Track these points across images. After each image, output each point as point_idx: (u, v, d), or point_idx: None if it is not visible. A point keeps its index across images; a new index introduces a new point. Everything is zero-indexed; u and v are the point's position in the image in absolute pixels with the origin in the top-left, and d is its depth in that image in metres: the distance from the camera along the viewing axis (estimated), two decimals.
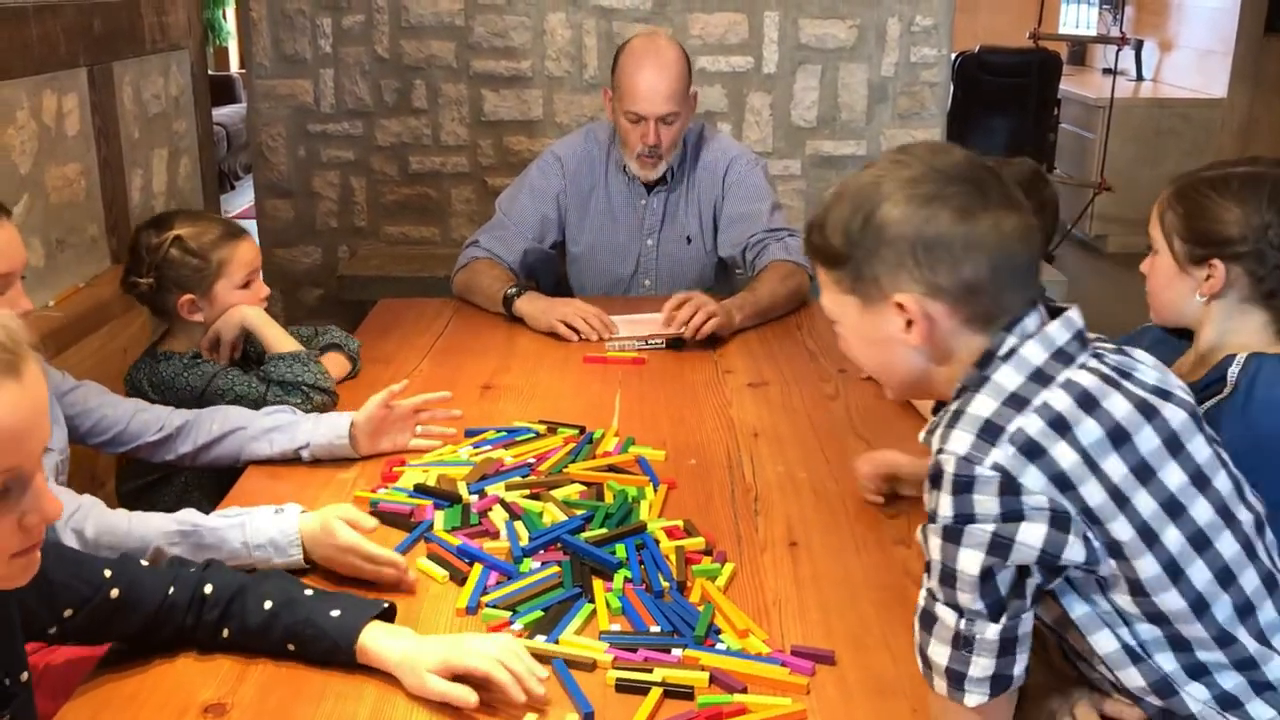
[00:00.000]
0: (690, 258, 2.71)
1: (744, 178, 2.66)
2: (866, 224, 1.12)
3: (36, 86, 2.59)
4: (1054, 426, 1.05)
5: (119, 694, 1.23)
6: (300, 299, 4.08)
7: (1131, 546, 1.07)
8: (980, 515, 1.04)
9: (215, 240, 2.01)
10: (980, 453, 1.04)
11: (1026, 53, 6.09)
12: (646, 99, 2.48)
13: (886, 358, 1.20)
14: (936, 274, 1.10)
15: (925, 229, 1.10)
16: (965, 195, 1.10)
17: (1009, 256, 1.10)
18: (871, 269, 1.13)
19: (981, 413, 1.07)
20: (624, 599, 1.41)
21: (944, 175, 1.11)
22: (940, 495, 1.06)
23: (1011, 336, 1.11)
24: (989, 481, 1.04)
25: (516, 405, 2.06)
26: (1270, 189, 1.47)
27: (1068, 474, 1.05)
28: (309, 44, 3.82)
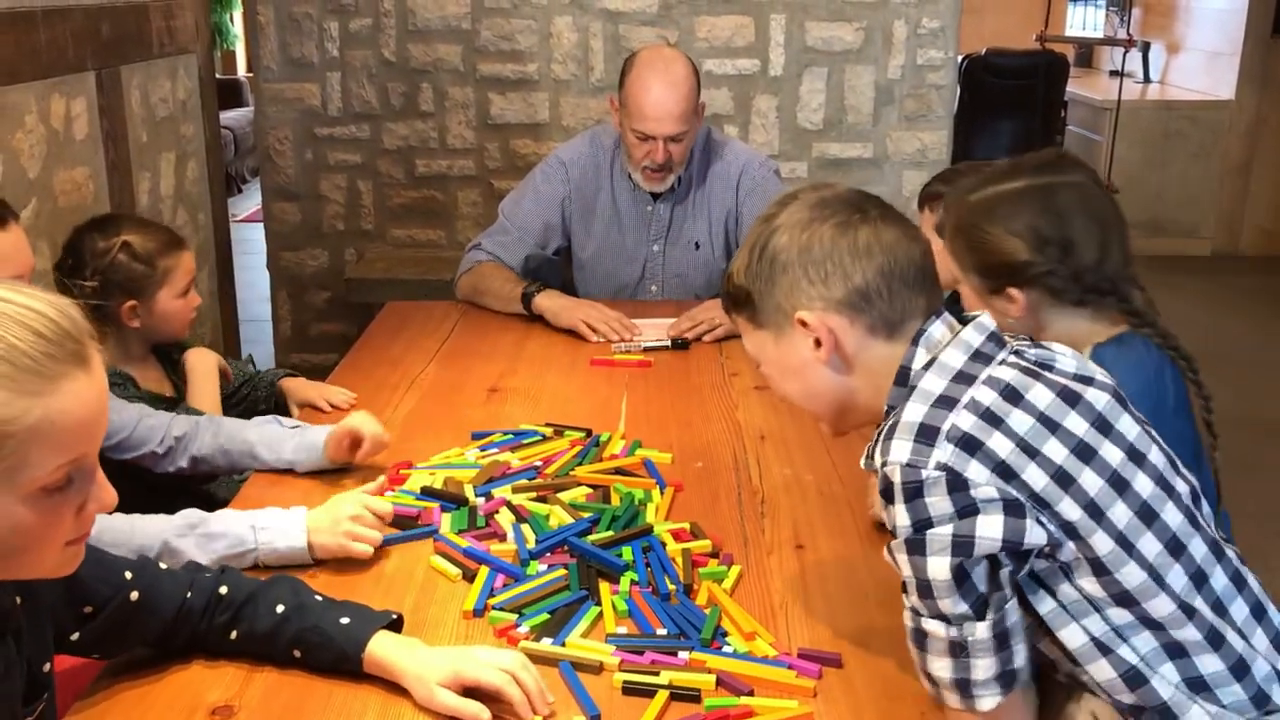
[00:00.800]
0: (698, 264, 2.70)
1: (761, 185, 2.65)
2: (761, 258, 1.21)
3: (45, 90, 2.60)
4: (985, 419, 1.09)
5: (126, 696, 1.23)
6: (307, 302, 4.09)
7: (1083, 525, 1.09)
8: (936, 518, 1.06)
9: (161, 248, 2.01)
10: (921, 456, 1.07)
11: (1033, 55, 6.09)
12: (655, 119, 2.46)
13: (807, 383, 1.24)
14: (830, 287, 1.18)
15: (811, 246, 1.19)
16: (843, 213, 1.20)
17: (894, 261, 1.18)
18: (773, 297, 1.21)
19: (914, 419, 1.10)
20: (630, 602, 1.41)
21: (822, 201, 1.21)
22: (894, 508, 1.09)
23: (921, 349, 1.16)
24: (936, 482, 1.06)
25: (523, 408, 2.06)
26: (1035, 202, 1.47)
27: (1008, 462, 1.08)
28: (316, 48, 3.83)
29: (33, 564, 1.01)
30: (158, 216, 3.32)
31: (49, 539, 0.99)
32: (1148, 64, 6.97)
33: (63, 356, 0.94)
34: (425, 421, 2.00)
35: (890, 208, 1.23)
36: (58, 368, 0.94)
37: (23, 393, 0.92)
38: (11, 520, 0.95)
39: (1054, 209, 1.47)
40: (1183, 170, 6.35)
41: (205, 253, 3.77)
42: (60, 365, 0.94)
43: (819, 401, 1.27)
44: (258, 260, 4.36)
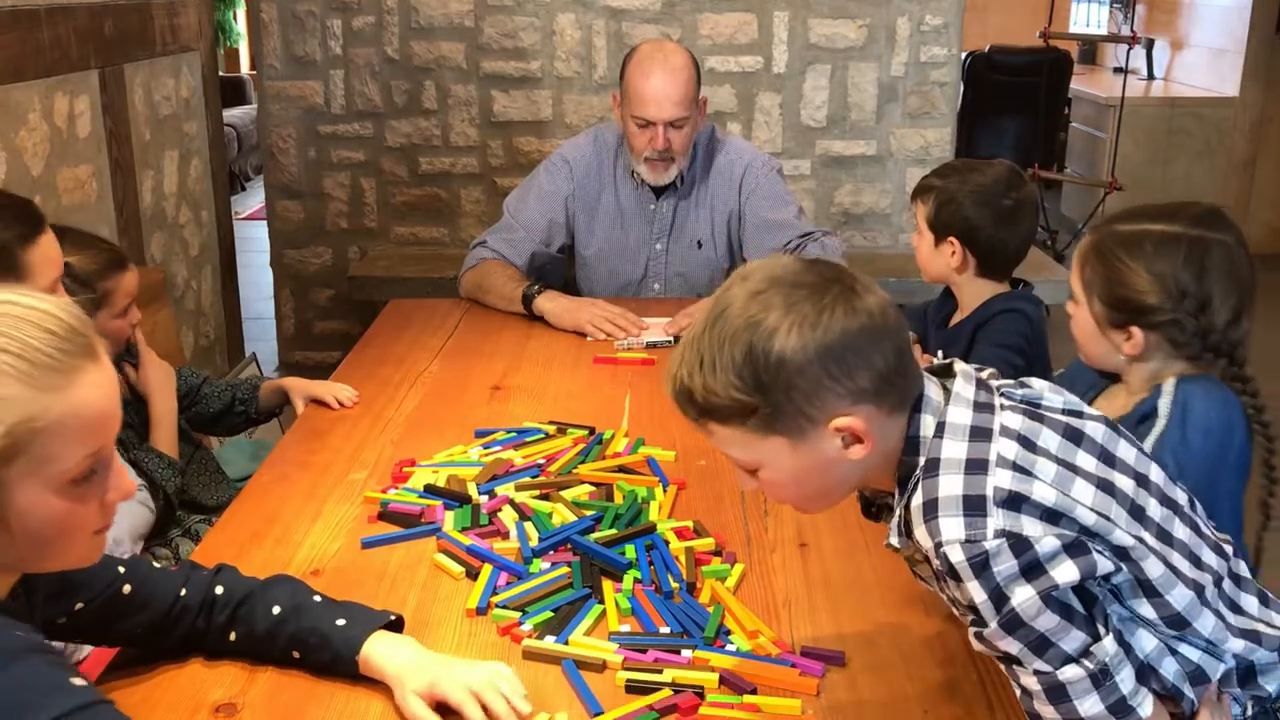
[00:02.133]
0: (701, 262, 2.70)
1: (763, 184, 2.65)
2: (768, 362, 1.05)
3: (48, 89, 2.61)
4: (1019, 472, 1.07)
5: (130, 695, 1.24)
6: (311, 300, 4.09)
7: (1136, 550, 1.09)
8: (1008, 583, 1.04)
9: (102, 269, 1.96)
10: (977, 529, 1.04)
11: (1037, 52, 6.07)
12: (655, 104, 2.47)
13: (827, 480, 1.14)
14: (855, 378, 1.07)
15: (829, 341, 1.05)
16: (831, 294, 1.07)
17: (897, 330, 1.10)
18: (792, 404, 1.07)
19: (954, 491, 1.06)
20: (634, 600, 1.41)
21: (805, 287, 1.07)
22: (966, 585, 1.05)
23: (927, 416, 1.11)
24: (999, 550, 1.04)
25: (526, 406, 2.06)
26: (1185, 251, 1.44)
27: (1055, 508, 1.06)
28: (319, 45, 3.83)
29: (63, 553, 1.04)
30: (161, 215, 3.33)
31: (78, 528, 1.03)
32: (1151, 61, 6.96)
33: (75, 351, 0.98)
34: (428, 419, 2.00)
35: (849, 271, 1.12)
36: (73, 362, 0.98)
37: (45, 389, 0.96)
38: (46, 512, 0.99)
39: (1201, 263, 1.45)
40: (1187, 168, 6.34)
41: (208, 250, 3.78)
42: (75, 359, 0.98)
43: (830, 496, 1.18)
44: (261, 258, 4.37)
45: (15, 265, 1.59)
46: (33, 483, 0.97)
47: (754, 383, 1.06)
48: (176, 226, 3.47)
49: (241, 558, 1.51)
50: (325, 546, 1.56)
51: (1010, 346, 1.93)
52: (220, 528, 1.62)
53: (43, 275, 1.63)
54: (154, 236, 3.26)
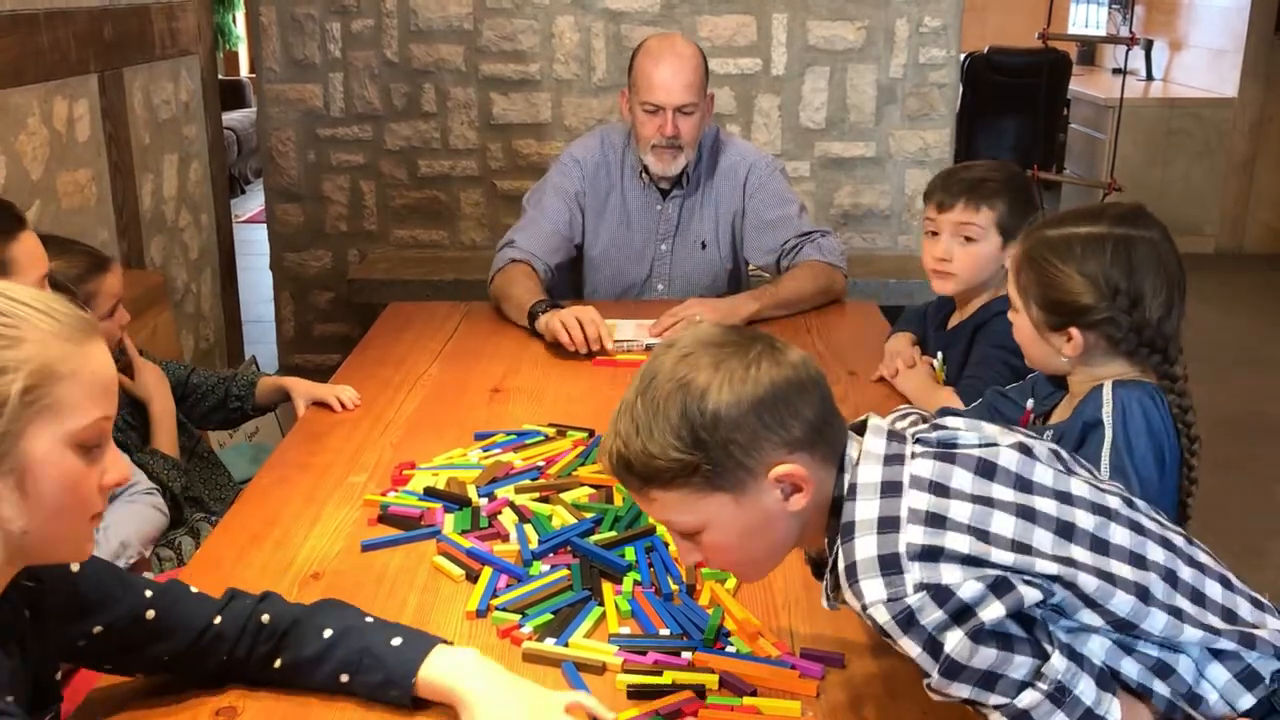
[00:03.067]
0: (704, 263, 2.71)
1: (766, 184, 2.66)
2: (703, 419, 1.08)
3: (48, 93, 2.61)
4: (930, 524, 1.07)
5: (129, 699, 1.24)
6: (311, 303, 4.09)
7: (1064, 573, 1.08)
8: (938, 631, 1.04)
9: (83, 273, 1.96)
10: (897, 587, 1.05)
11: (1035, 53, 6.08)
12: (664, 89, 2.48)
13: (771, 537, 1.16)
14: (788, 427, 1.10)
15: (759, 394, 1.09)
16: (760, 350, 1.11)
17: (820, 381, 1.13)
18: (732, 457, 1.09)
19: (870, 553, 1.07)
20: (634, 602, 1.41)
21: (727, 344, 1.11)
22: (901, 642, 1.06)
23: (846, 475, 1.13)
24: (922, 604, 1.04)
25: (526, 408, 2.06)
26: (1112, 250, 1.49)
27: (971, 554, 1.05)
28: (318, 48, 3.83)
29: (64, 533, 1.05)
30: (160, 218, 3.33)
31: (83, 501, 1.04)
32: (1150, 62, 6.96)
33: (87, 326, 1.04)
34: (428, 422, 2.00)
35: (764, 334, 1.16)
36: (88, 330, 1.04)
37: (68, 340, 1.01)
38: (59, 469, 1.01)
39: (1129, 260, 1.49)
40: (1186, 168, 6.34)
41: (208, 254, 3.78)
42: (88, 331, 1.04)
43: (775, 555, 1.19)
44: (261, 261, 4.37)
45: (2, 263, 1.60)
46: (49, 433, 0.99)
47: (692, 440, 1.08)
48: (176, 230, 3.47)
49: (241, 560, 1.51)
50: (325, 549, 1.56)
51: (1009, 348, 1.93)
52: (220, 530, 1.62)
53: (29, 271, 1.63)
54: (154, 240, 3.27)
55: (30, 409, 0.98)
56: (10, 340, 0.98)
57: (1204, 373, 1.25)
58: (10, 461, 0.98)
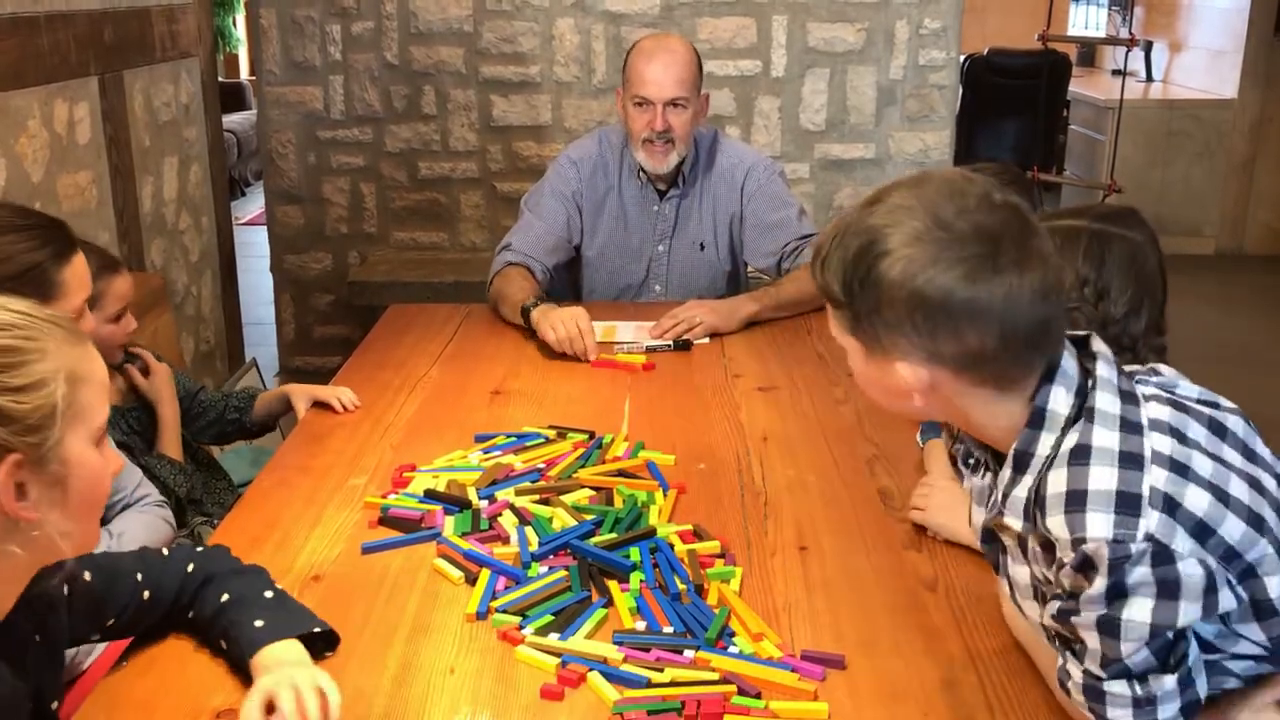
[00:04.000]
0: (702, 264, 2.71)
1: (765, 186, 2.65)
2: (866, 277, 1.05)
3: (48, 95, 2.61)
4: (1176, 471, 1.01)
5: (130, 699, 1.24)
6: (310, 305, 4.10)
7: (1267, 564, 1.03)
8: (1134, 590, 1.00)
9: (93, 272, 1.97)
10: (1128, 529, 0.99)
11: (1035, 54, 6.08)
12: (655, 83, 2.49)
13: (897, 401, 1.13)
14: (937, 341, 1.04)
15: (926, 293, 1.02)
16: (973, 257, 1.01)
17: (1019, 322, 1.02)
18: (871, 323, 1.07)
19: (1108, 486, 1.01)
20: (640, 600, 1.41)
21: (951, 231, 1.02)
22: (1092, 576, 1.01)
23: (1059, 388, 1.06)
24: (1143, 555, 0.99)
25: (526, 410, 2.06)
26: (1086, 243, 1.48)
27: (1205, 520, 1.00)
28: (318, 51, 3.83)
29: (89, 525, 1.08)
30: (161, 220, 3.33)
31: (105, 494, 1.09)
32: (1150, 63, 6.96)
33: (79, 329, 1.08)
34: (428, 424, 2.00)
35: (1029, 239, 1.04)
36: (82, 332, 1.07)
37: (80, 344, 1.05)
38: (89, 466, 1.05)
39: (1101, 255, 1.49)
40: (1186, 169, 6.34)
41: (208, 256, 3.78)
42: (82, 333, 1.07)
43: (911, 413, 1.16)
44: (261, 263, 4.37)
45: (49, 283, 1.61)
46: (79, 435, 1.03)
47: (849, 287, 1.07)
48: (176, 232, 3.47)
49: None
50: (325, 552, 1.56)
51: None
52: (221, 533, 1.62)
53: (76, 295, 1.65)
54: (154, 242, 3.27)
55: (67, 415, 1.02)
56: (39, 352, 1.00)
57: (1204, 373, 1.24)
58: (55, 468, 1.01)
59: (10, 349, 0.99)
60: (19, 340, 1.00)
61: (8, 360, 0.99)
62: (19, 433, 0.98)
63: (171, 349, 2.97)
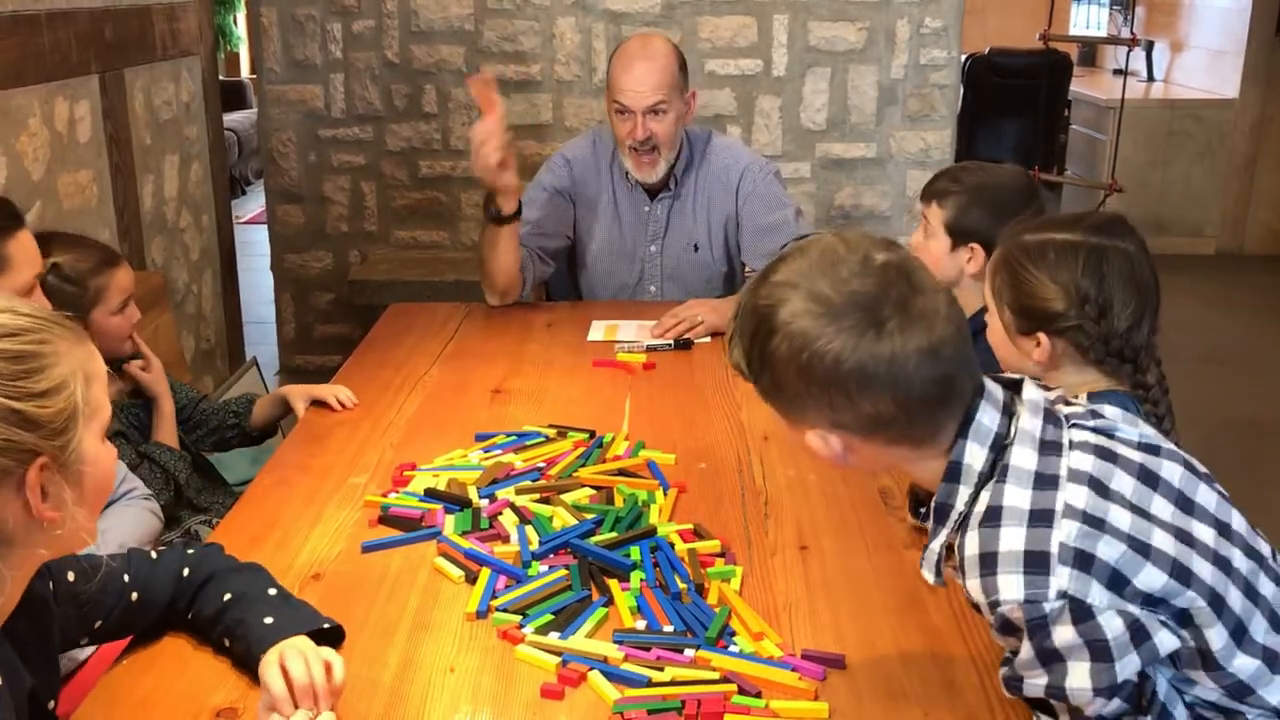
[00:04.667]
0: (697, 265, 2.70)
1: (760, 187, 2.63)
2: (761, 356, 1.07)
3: (49, 94, 2.61)
4: (1089, 524, 1.00)
5: (130, 698, 1.24)
6: (311, 304, 4.10)
7: (1201, 616, 1.02)
8: (1066, 652, 0.99)
9: (93, 267, 1.99)
10: (1039, 588, 0.98)
11: (1036, 54, 6.08)
12: (632, 91, 2.47)
13: (837, 459, 1.13)
14: (836, 411, 1.05)
15: (813, 367, 1.02)
16: (851, 328, 1.01)
17: (911, 384, 1.02)
18: (776, 398, 1.09)
19: (1016, 547, 1.00)
20: (641, 599, 1.41)
21: (829, 304, 1.02)
22: (1024, 645, 1.01)
23: (974, 443, 1.05)
24: (1060, 613, 0.98)
25: (526, 409, 2.06)
26: (1085, 258, 1.48)
27: (1119, 570, 0.99)
28: (319, 49, 3.83)
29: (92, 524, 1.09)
30: (161, 219, 3.33)
31: (110, 485, 1.12)
32: (1151, 63, 6.96)
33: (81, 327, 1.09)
34: (429, 423, 2.00)
35: (911, 302, 1.02)
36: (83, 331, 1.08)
37: (85, 343, 1.07)
38: (101, 461, 1.07)
39: (1101, 270, 1.48)
40: (1187, 169, 6.34)
41: (209, 255, 3.78)
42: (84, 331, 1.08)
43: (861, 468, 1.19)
44: (261, 262, 4.37)
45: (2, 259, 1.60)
46: (94, 431, 1.05)
47: (752, 366, 1.10)
48: (177, 231, 3.47)
49: None
50: (326, 551, 1.56)
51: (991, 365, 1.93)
52: (220, 532, 1.62)
53: (22, 270, 1.63)
54: (154, 241, 3.27)
55: (84, 414, 1.04)
56: (55, 355, 1.02)
57: (1203, 374, 1.23)
58: (75, 467, 1.03)
59: (29, 355, 1.00)
60: (35, 345, 1.01)
61: (28, 366, 1.00)
62: (46, 436, 1.00)
63: (172, 348, 2.97)
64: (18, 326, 1.01)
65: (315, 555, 1.54)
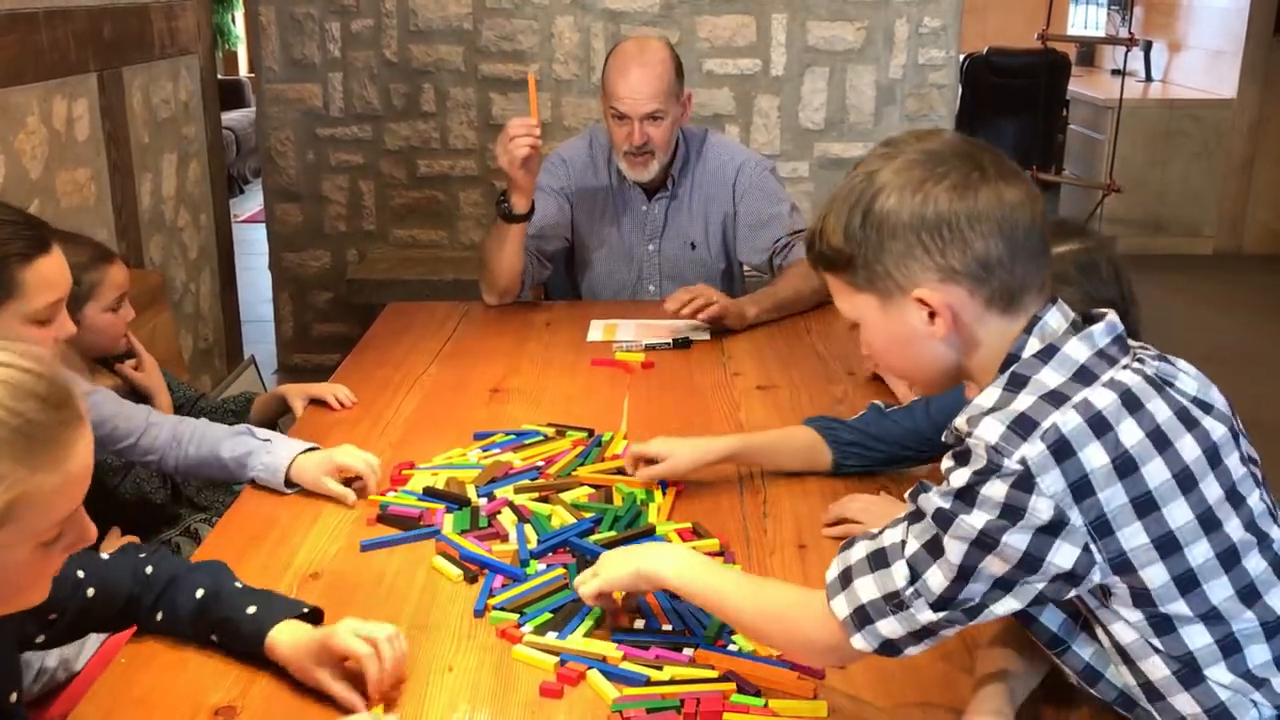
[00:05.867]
0: (695, 263, 2.70)
1: (756, 183, 2.64)
2: (866, 219, 1.09)
3: (47, 92, 2.61)
4: (1092, 424, 1.01)
5: (129, 696, 1.24)
6: (309, 302, 4.10)
7: (1140, 557, 1.02)
8: (981, 503, 1.01)
9: (86, 263, 1.97)
10: (1009, 444, 1.00)
11: (1035, 54, 6.09)
12: (630, 97, 2.46)
13: (915, 355, 1.15)
14: (948, 256, 1.07)
15: (926, 211, 1.07)
16: (959, 171, 1.08)
17: (1016, 225, 1.07)
18: (882, 264, 1.10)
19: (1017, 406, 1.03)
20: (640, 598, 1.41)
21: (933, 156, 1.09)
22: (958, 471, 1.03)
23: (1033, 338, 1.08)
24: (1009, 474, 1.00)
25: (525, 408, 2.06)
26: (1105, 266, 1.45)
27: (1090, 479, 1.00)
28: (318, 48, 3.83)
29: (25, 599, 1.04)
30: (159, 218, 3.33)
31: (42, 576, 1.04)
32: (1149, 63, 6.97)
33: (68, 420, 0.97)
34: (427, 422, 2.00)
35: (1004, 160, 1.11)
36: (66, 434, 0.97)
37: (42, 467, 0.95)
38: (22, 569, 0.99)
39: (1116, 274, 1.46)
40: (1185, 169, 6.35)
41: (207, 253, 3.78)
42: (68, 431, 0.97)
43: (923, 373, 1.17)
44: (260, 261, 4.37)
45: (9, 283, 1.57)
46: (17, 546, 0.97)
47: (851, 234, 1.11)
48: (175, 229, 3.47)
49: (240, 561, 1.50)
50: (324, 549, 1.56)
51: None
52: (219, 531, 1.62)
53: (35, 298, 1.59)
54: (153, 239, 3.27)
55: None
56: None
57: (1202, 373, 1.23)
58: None
59: None
60: None
61: None
62: None
63: (170, 346, 2.97)
64: None
65: (314, 554, 1.54)
